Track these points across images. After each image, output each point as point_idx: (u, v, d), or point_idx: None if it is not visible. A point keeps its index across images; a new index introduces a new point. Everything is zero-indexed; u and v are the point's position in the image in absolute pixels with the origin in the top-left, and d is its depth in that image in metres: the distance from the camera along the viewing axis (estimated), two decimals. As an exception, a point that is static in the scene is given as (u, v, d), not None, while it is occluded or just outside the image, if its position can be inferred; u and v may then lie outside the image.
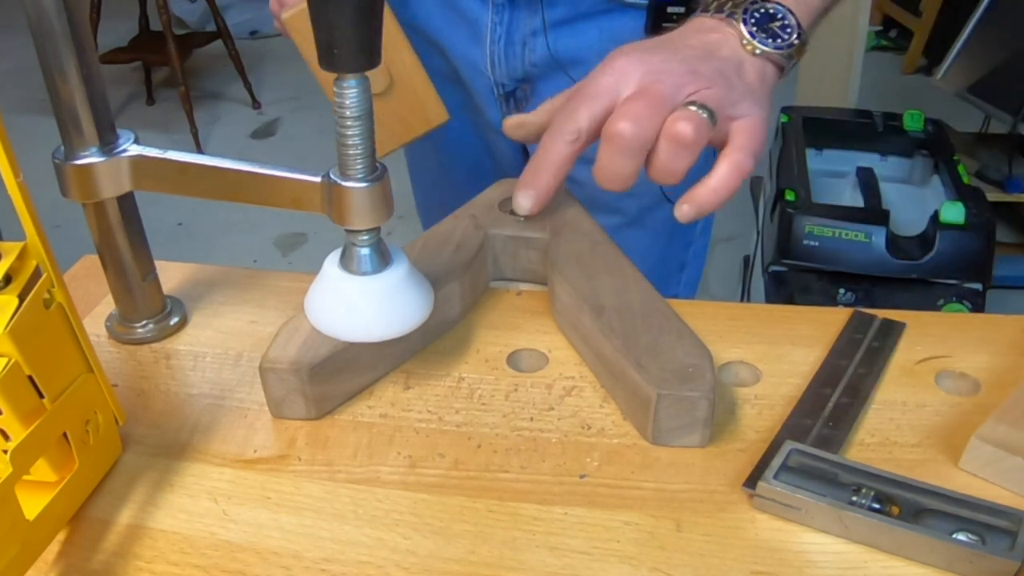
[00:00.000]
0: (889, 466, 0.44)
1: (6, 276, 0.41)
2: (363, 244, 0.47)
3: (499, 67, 0.81)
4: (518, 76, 0.82)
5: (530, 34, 0.79)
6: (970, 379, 0.53)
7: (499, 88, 0.84)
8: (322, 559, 0.43)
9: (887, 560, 0.42)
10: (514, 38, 0.80)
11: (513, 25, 0.79)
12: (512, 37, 0.80)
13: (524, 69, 0.81)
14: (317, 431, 0.50)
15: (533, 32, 0.79)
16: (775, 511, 0.44)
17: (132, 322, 0.57)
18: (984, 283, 1.49)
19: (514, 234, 0.60)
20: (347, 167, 0.45)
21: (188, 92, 2.93)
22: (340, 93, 0.42)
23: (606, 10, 0.77)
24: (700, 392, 0.46)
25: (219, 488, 0.47)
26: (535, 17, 0.78)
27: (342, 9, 0.39)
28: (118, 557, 0.43)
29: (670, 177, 0.52)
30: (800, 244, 1.53)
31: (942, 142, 1.76)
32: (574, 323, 0.55)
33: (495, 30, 0.80)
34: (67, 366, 0.43)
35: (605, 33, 0.77)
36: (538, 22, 0.79)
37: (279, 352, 0.50)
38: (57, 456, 0.43)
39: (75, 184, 0.50)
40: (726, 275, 2.21)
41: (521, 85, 0.83)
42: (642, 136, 0.50)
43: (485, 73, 0.82)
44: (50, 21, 0.45)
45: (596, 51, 0.76)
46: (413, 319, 0.49)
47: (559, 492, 0.46)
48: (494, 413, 0.51)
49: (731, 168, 0.52)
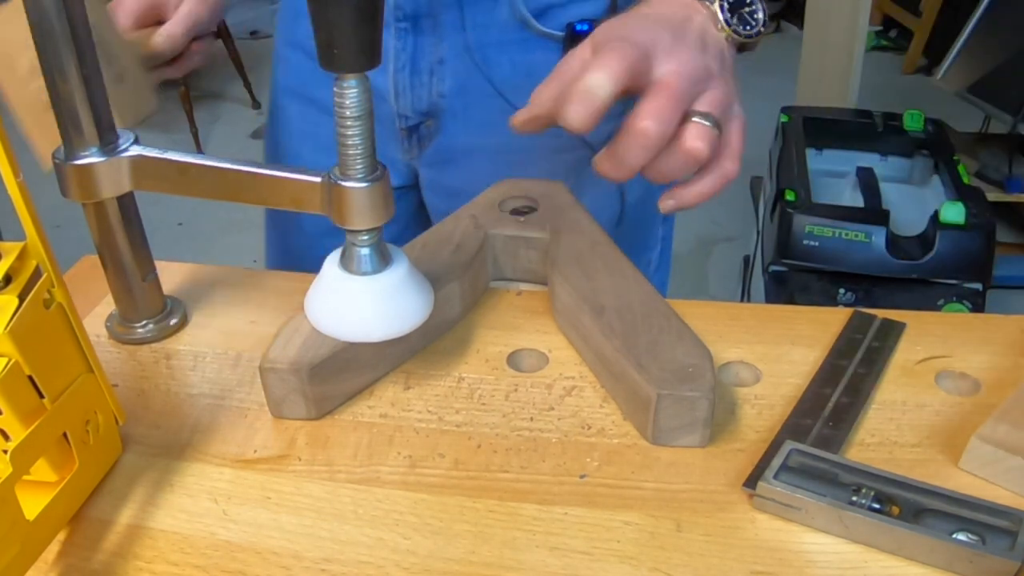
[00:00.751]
0: (889, 466, 0.44)
1: (6, 276, 0.41)
2: (363, 244, 0.47)
3: (403, 97, 0.77)
4: (423, 109, 0.77)
5: (437, 62, 0.75)
6: (970, 379, 0.53)
7: (401, 120, 0.79)
8: (322, 559, 0.43)
9: (887, 560, 0.42)
10: (420, 66, 0.75)
11: (418, 52, 0.75)
12: (418, 65, 0.75)
13: (430, 100, 0.77)
14: (317, 431, 0.50)
15: (440, 60, 0.75)
16: (775, 511, 0.44)
17: (132, 322, 0.57)
18: (984, 283, 1.49)
19: (514, 234, 0.60)
20: (347, 167, 0.45)
21: (188, 92, 2.93)
22: (340, 93, 0.42)
23: (520, 40, 0.73)
24: (700, 392, 0.46)
25: (219, 488, 0.47)
26: (442, 44, 0.74)
27: (342, 9, 0.39)
28: (118, 557, 0.43)
29: (664, 180, 0.53)
30: (800, 244, 1.53)
31: (942, 142, 1.76)
32: (574, 323, 0.55)
33: (399, 57, 0.75)
34: (67, 366, 0.43)
35: (519, 67, 0.74)
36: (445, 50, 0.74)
37: (279, 352, 0.50)
38: (57, 456, 0.43)
39: (75, 184, 0.50)
40: (726, 275, 2.21)
41: (425, 121, 0.79)
42: (664, 135, 0.50)
43: (388, 102, 0.77)
44: (50, 21, 0.45)
45: (510, 84, 0.74)
46: (413, 319, 0.49)
47: (559, 492, 0.46)
48: (494, 413, 0.51)
49: (719, 177, 0.54)
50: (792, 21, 3.66)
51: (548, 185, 0.64)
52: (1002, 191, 1.98)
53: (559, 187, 0.64)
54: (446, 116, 0.78)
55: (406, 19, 0.73)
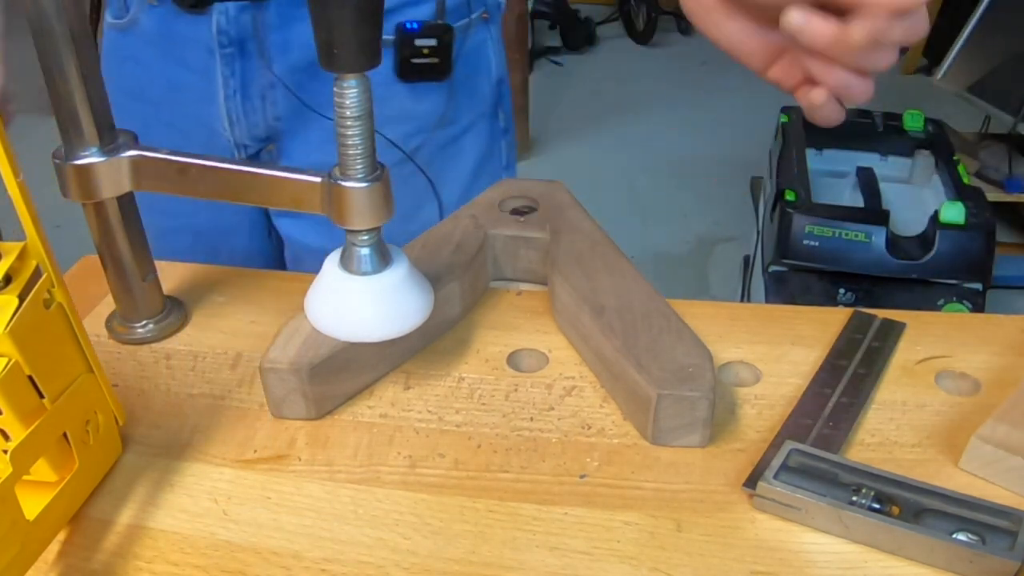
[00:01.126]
0: (889, 466, 0.44)
1: (6, 276, 0.41)
2: (363, 244, 0.47)
3: (238, 125, 0.75)
4: (261, 135, 0.76)
5: (268, 87, 0.73)
6: (970, 379, 0.53)
7: (240, 151, 0.76)
8: (322, 559, 0.43)
9: (887, 560, 0.42)
10: (251, 91, 0.73)
11: (248, 77, 0.73)
12: (249, 91, 0.73)
13: (267, 125, 0.75)
14: (317, 431, 0.50)
15: (271, 84, 0.73)
16: (775, 511, 0.44)
17: (132, 322, 0.57)
18: (984, 283, 1.49)
19: (514, 234, 0.60)
20: (347, 167, 0.45)
21: None
22: (340, 93, 0.42)
23: None
24: (700, 392, 0.46)
25: (219, 488, 0.47)
26: (271, 67, 0.73)
27: (342, 9, 0.39)
28: (118, 557, 0.43)
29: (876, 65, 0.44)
30: (800, 244, 1.53)
31: (942, 142, 1.76)
32: (574, 323, 0.55)
33: (228, 84, 0.73)
34: (67, 366, 0.43)
35: None
36: (275, 72, 0.72)
37: (279, 352, 0.50)
38: (57, 456, 0.43)
39: (75, 184, 0.50)
40: (726, 275, 2.21)
41: (266, 146, 0.77)
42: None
43: (223, 134, 0.75)
44: (50, 21, 0.45)
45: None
46: (413, 319, 0.49)
47: (559, 492, 0.46)
48: (494, 413, 0.51)
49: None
50: (792, 21, 3.66)
51: (548, 185, 0.64)
52: (1002, 191, 1.98)
53: (559, 187, 0.64)
54: (285, 139, 0.76)
55: (231, 44, 0.72)
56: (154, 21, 0.75)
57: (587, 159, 2.83)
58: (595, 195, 0.98)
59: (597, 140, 2.93)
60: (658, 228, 2.45)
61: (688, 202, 2.56)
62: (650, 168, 2.76)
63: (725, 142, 2.83)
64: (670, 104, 3.17)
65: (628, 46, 3.68)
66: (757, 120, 2.52)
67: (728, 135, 2.87)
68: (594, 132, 2.98)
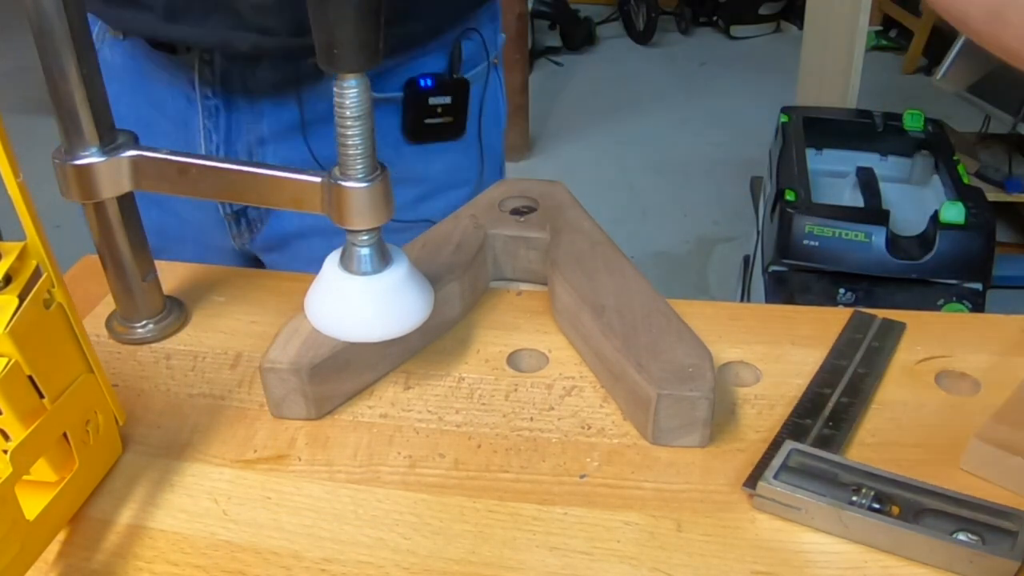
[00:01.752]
0: (889, 466, 0.44)
1: (6, 276, 0.41)
2: (363, 244, 0.47)
3: None
4: None
5: (256, 143, 0.67)
6: (970, 379, 0.53)
7: (224, 206, 0.71)
8: (322, 559, 0.43)
9: (887, 560, 0.42)
10: (236, 147, 0.67)
11: (234, 132, 0.67)
12: (234, 147, 0.67)
13: None
14: (317, 431, 0.50)
15: (260, 140, 0.67)
16: (775, 511, 0.44)
17: (132, 322, 0.57)
18: (984, 283, 1.49)
19: (514, 234, 0.60)
20: (347, 167, 0.45)
21: None
22: (340, 93, 0.42)
23: None
24: (700, 392, 0.46)
25: (219, 488, 0.47)
26: (261, 123, 0.66)
27: (342, 9, 0.39)
28: (118, 557, 0.43)
29: None
30: (800, 244, 1.53)
31: (942, 142, 1.76)
32: (574, 323, 0.55)
33: (209, 137, 0.67)
34: (67, 366, 0.43)
35: None
36: (264, 129, 0.66)
37: (279, 352, 0.50)
38: (57, 456, 0.43)
39: (75, 184, 0.50)
40: (726, 275, 2.21)
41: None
42: None
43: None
44: (50, 21, 0.45)
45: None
46: (413, 319, 0.49)
47: (559, 492, 0.46)
48: (494, 413, 0.51)
49: None
50: (792, 21, 3.67)
51: (548, 185, 0.64)
52: (1002, 191, 1.99)
53: (559, 187, 0.64)
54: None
55: (215, 96, 0.66)
56: (120, 57, 0.68)
57: (587, 159, 2.83)
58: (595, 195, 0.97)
59: (597, 140, 2.93)
60: (658, 228, 2.45)
61: (688, 202, 2.56)
62: (650, 168, 2.76)
63: (725, 142, 2.84)
64: (670, 104, 3.17)
65: (628, 46, 3.69)
66: (757, 120, 2.52)
67: (728, 135, 2.87)
68: (594, 132, 2.98)
